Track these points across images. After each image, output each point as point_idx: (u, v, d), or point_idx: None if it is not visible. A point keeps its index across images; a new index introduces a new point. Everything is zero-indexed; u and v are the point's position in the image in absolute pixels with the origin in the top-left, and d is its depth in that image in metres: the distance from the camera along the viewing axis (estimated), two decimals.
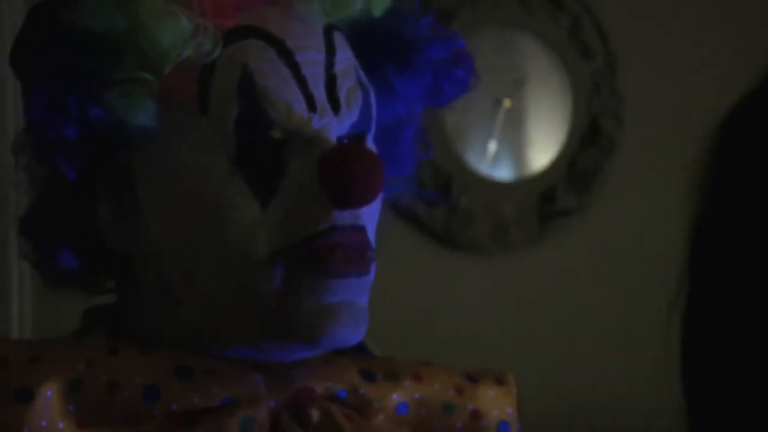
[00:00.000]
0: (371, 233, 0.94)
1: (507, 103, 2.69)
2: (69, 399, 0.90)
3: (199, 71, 0.92)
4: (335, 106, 0.93)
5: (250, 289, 0.91)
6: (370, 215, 0.94)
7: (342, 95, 0.94)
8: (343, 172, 0.89)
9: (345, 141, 0.94)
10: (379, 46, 0.99)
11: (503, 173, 2.74)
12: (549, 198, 2.76)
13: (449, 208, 2.68)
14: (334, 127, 0.92)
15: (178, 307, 0.94)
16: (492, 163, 2.72)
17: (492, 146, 2.71)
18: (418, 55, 0.99)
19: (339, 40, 0.96)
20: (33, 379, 0.90)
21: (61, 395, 0.90)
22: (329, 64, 0.94)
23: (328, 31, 0.95)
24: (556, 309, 2.82)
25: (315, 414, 0.94)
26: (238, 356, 0.94)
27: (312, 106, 0.92)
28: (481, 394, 1.01)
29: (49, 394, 0.90)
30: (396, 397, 0.98)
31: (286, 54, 0.92)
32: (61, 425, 0.90)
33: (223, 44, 0.92)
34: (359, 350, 1.01)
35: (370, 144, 0.96)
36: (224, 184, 0.91)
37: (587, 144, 2.79)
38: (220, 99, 0.91)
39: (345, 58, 0.95)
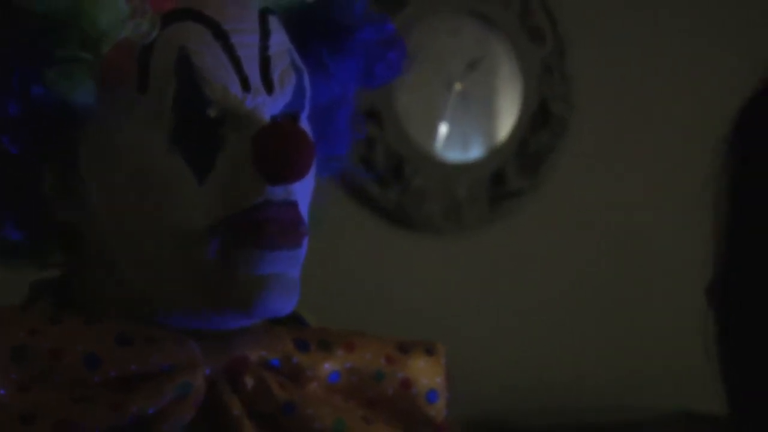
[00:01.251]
0: (304, 209, 0.97)
1: (458, 86, 2.71)
2: (11, 366, 0.93)
3: (138, 52, 0.94)
4: (269, 87, 0.96)
5: (187, 260, 0.94)
6: (302, 191, 0.97)
7: (276, 76, 0.96)
8: (274, 149, 0.92)
9: (278, 120, 0.96)
10: (312, 29, 1.01)
11: (455, 155, 2.76)
12: (500, 179, 2.78)
13: (402, 189, 2.69)
14: (267, 107, 0.95)
15: (120, 276, 0.97)
16: (444, 144, 2.74)
17: (443, 128, 2.73)
18: (349, 37, 1.02)
19: (274, 23, 0.98)
20: None
21: (4, 362, 0.92)
22: (264, 47, 0.96)
23: (263, 15, 0.98)
24: (507, 288, 2.84)
25: (249, 381, 0.97)
26: (179, 325, 0.96)
27: (246, 86, 0.95)
28: (411, 364, 1.03)
29: None
30: (328, 366, 1.00)
31: (221, 36, 0.95)
32: (2, 391, 0.92)
33: (162, 26, 0.94)
34: (295, 320, 1.04)
35: (304, 123, 0.99)
36: (163, 160, 0.93)
37: (538, 127, 2.80)
38: (159, 79, 0.94)
39: (279, 41, 0.98)
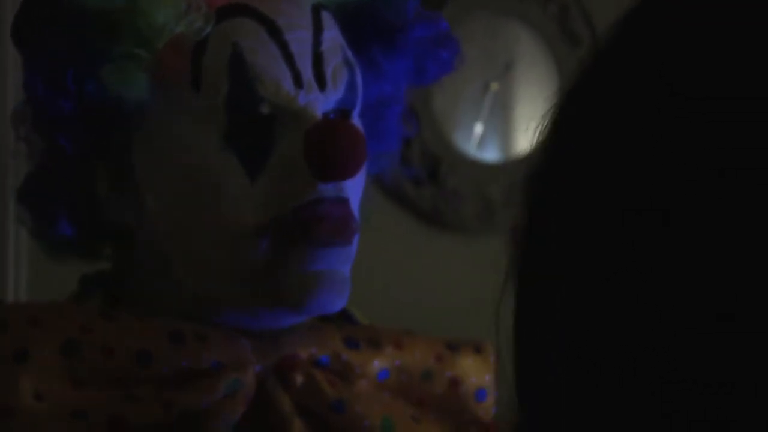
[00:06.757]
0: (355, 206, 0.97)
1: (495, 86, 2.70)
2: (64, 360, 0.93)
3: (191, 48, 0.94)
4: (321, 83, 0.95)
5: (239, 257, 0.93)
6: (354, 188, 0.96)
7: (328, 72, 0.96)
8: (326, 146, 0.91)
9: (331, 116, 0.96)
10: (365, 26, 1.01)
11: (490, 155, 2.75)
12: None
13: (437, 189, 2.69)
14: (320, 103, 0.95)
15: (172, 274, 0.97)
16: (479, 145, 2.74)
17: (479, 129, 2.72)
18: (403, 36, 1.01)
19: (327, 19, 0.98)
20: (30, 341, 0.93)
21: (57, 357, 0.93)
22: (316, 43, 0.96)
23: (316, 11, 0.97)
24: None
25: (299, 379, 0.97)
26: (230, 322, 0.96)
27: (299, 82, 0.94)
28: (460, 362, 1.03)
29: (45, 355, 0.93)
30: (377, 364, 1.00)
31: (275, 32, 0.95)
32: (56, 385, 0.92)
33: (215, 22, 0.94)
34: (345, 318, 1.04)
35: (356, 120, 0.99)
36: (215, 157, 0.93)
37: None
38: (212, 75, 0.93)
39: (332, 37, 0.97)
